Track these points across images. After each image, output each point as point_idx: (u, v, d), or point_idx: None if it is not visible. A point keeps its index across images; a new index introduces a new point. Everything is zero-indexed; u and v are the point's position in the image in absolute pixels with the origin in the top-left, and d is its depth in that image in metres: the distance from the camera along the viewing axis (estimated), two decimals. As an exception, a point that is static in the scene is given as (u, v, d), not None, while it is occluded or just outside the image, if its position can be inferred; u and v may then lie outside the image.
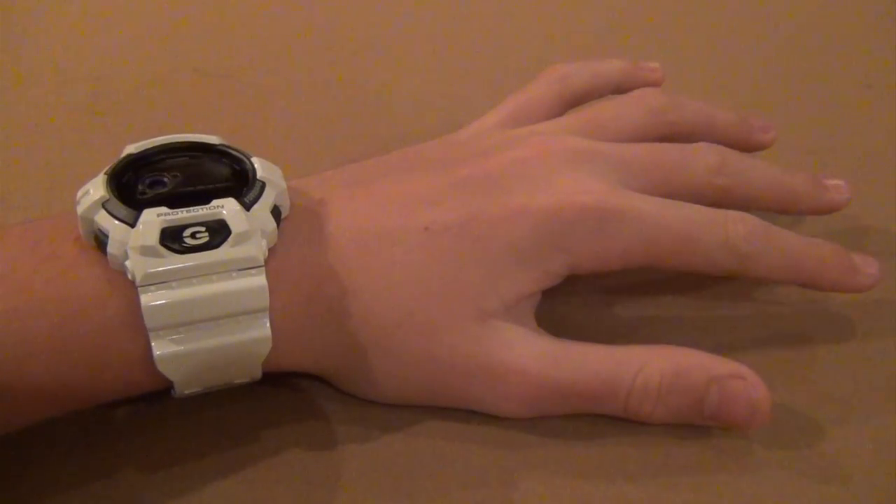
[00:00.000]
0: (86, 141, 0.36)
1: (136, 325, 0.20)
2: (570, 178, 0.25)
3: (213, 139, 0.24)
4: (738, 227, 0.25)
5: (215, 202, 0.21)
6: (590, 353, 0.24)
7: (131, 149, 0.23)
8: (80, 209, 0.21)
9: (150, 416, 0.24)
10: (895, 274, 0.30)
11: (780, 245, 0.26)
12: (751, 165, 0.28)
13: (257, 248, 0.21)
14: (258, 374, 0.22)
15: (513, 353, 0.23)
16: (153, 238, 0.20)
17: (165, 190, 0.22)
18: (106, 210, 0.21)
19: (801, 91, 0.42)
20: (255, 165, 0.23)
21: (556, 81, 0.31)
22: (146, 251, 0.20)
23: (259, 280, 0.21)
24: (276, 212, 0.22)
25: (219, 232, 0.21)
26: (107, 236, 0.20)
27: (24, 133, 0.37)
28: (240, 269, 0.21)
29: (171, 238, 0.20)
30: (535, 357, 0.23)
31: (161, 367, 0.20)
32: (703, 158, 0.27)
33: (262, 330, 0.21)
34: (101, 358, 0.21)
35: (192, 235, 0.21)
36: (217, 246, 0.21)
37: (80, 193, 0.22)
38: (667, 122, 0.29)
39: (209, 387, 0.22)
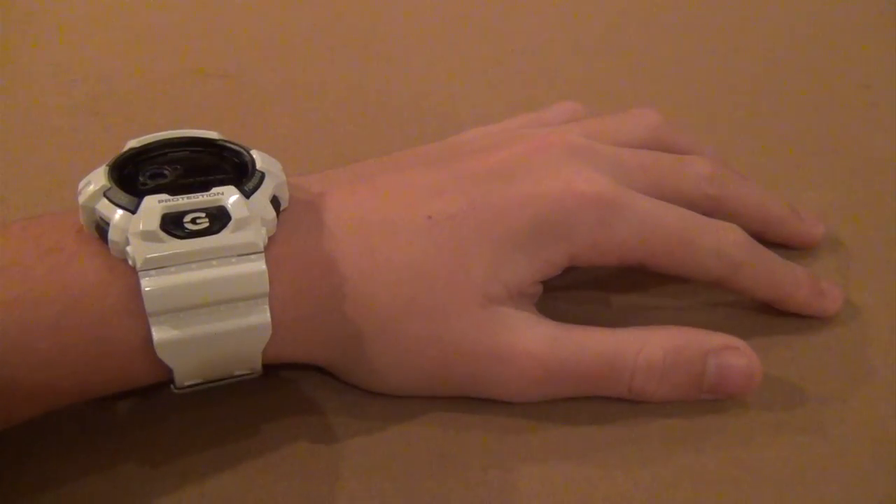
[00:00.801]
0: (86, 141, 0.36)
1: (136, 312, 0.20)
2: (573, 170, 0.25)
3: (213, 134, 0.24)
4: (730, 234, 0.26)
5: (215, 189, 0.22)
6: (592, 334, 0.24)
7: (133, 143, 0.23)
8: (81, 199, 0.21)
9: (150, 411, 0.24)
10: (895, 273, 0.30)
11: (764, 258, 0.27)
12: (741, 181, 0.29)
13: (257, 235, 0.21)
14: (258, 364, 0.22)
15: (517, 336, 0.24)
16: (154, 223, 0.20)
17: (166, 181, 0.22)
18: (107, 198, 0.21)
19: (801, 91, 0.42)
20: (255, 157, 0.23)
21: (569, 112, 0.32)
22: (147, 236, 0.20)
23: (259, 265, 0.21)
24: (275, 202, 0.22)
25: (219, 218, 0.21)
26: (108, 224, 0.21)
27: (24, 133, 0.37)
28: (239, 255, 0.21)
29: (172, 223, 0.21)
30: (539, 339, 0.24)
31: (161, 354, 0.21)
32: (696, 167, 0.28)
33: (261, 316, 0.21)
34: (102, 346, 0.21)
35: (193, 221, 0.21)
36: (217, 231, 0.21)
37: (81, 184, 0.22)
38: (661, 140, 0.29)
39: (209, 378, 0.22)
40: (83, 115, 0.38)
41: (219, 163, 0.23)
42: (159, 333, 0.20)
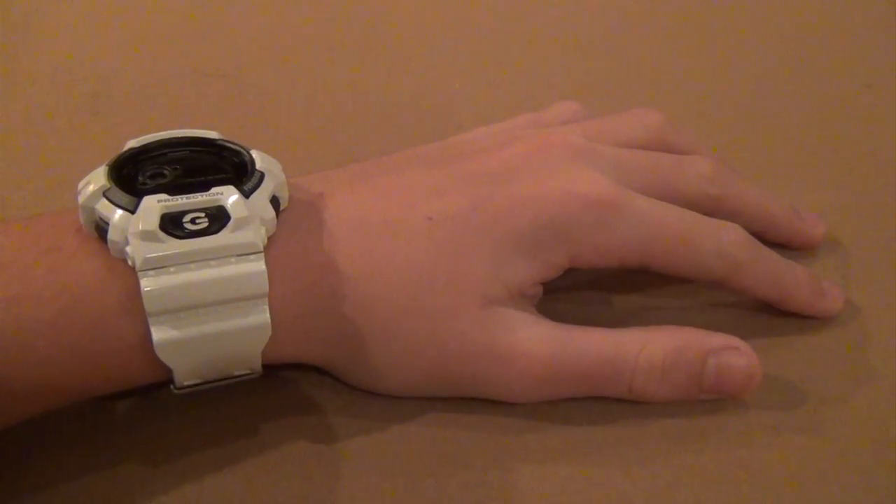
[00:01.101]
0: (86, 141, 0.36)
1: (135, 312, 0.20)
2: (573, 171, 0.25)
3: (213, 134, 0.24)
4: (731, 234, 0.26)
5: (215, 189, 0.22)
6: (593, 335, 0.24)
7: (132, 143, 0.23)
8: (80, 199, 0.21)
9: (150, 410, 0.24)
10: (895, 273, 0.30)
11: (766, 257, 0.27)
12: (742, 182, 0.29)
13: (256, 234, 0.21)
14: (258, 364, 0.22)
15: (518, 337, 0.24)
16: (153, 223, 0.20)
17: (166, 181, 0.22)
18: (107, 198, 0.21)
19: (801, 91, 0.42)
20: (254, 157, 0.23)
21: (569, 112, 0.32)
22: (146, 236, 0.20)
23: (258, 266, 0.21)
24: (274, 202, 0.22)
25: (218, 218, 0.21)
26: (107, 224, 0.21)
27: (24, 133, 0.37)
28: (239, 255, 0.21)
29: (171, 223, 0.21)
30: (540, 340, 0.24)
31: (160, 354, 0.21)
32: (696, 167, 0.28)
33: (261, 316, 0.21)
34: (101, 345, 0.21)
35: (192, 221, 0.21)
36: (216, 231, 0.21)
37: (81, 184, 0.22)
38: (662, 140, 0.29)
39: (209, 378, 0.22)
40: (83, 115, 0.38)
41: (218, 163, 0.23)
42: (159, 334, 0.20)
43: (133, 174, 0.22)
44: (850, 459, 0.24)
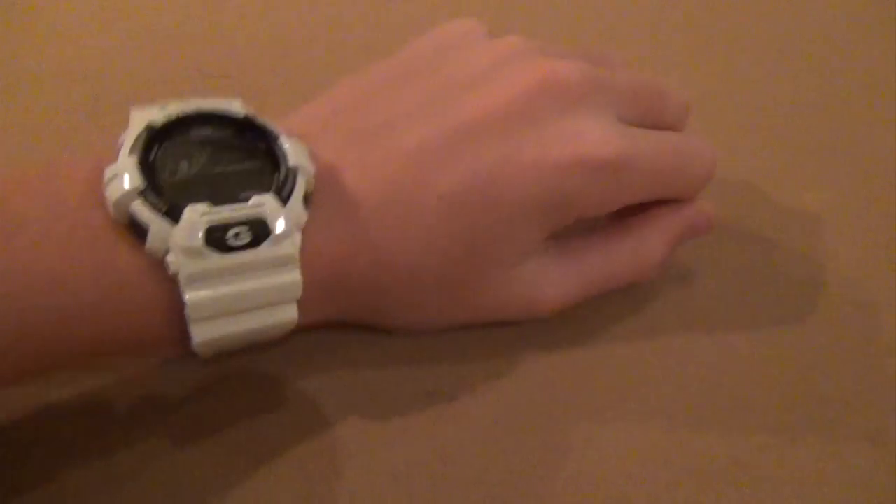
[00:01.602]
0: (86, 141, 0.36)
1: (171, 311, 0.21)
2: (579, 123, 0.25)
3: (237, 108, 0.24)
4: (711, 152, 0.28)
5: (255, 200, 0.22)
6: (599, 258, 0.27)
7: (153, 115, 0.23)
8: (111, 195, 0.21)
9: (149, 411, 0.24)
10: (895, 273, 0.30)
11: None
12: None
13: (293, 246, 0.22)
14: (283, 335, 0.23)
15: (540, 289, 0.26)
16: (198, 240, 0.20)
17: (194, 171, 0.22)
18: (142, 200, 0.20)
19: (802, 91, 0.42)
20: (286, 149, 0.23)
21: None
22: (191, 252, 0.20)
23: (294, 275, 0.22)
24: (306, 198, 0.23)
25: (258, 230, 0.21)
26: (145, 228, 0.20)
27: (24, 133, 0.37)
28: (277, 266, 0.22)
29: (214, 238, 0.21)
30: (559, 283, 0.26)
31: (197, 350, 0.21)
32: (677, 99, 0.29)
33: (290, 314, 0.22)
34: (131, 330, 0.21)
35: (235, 236, 0.21)
36: (257, 245, 0.21)
37: (108, 174, 0.21)
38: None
39: (231, 353, 0.23)
40: (83, 116, 0.38)
41: (245, 146, 0.23)
42: (199, 336, 0.21)
43: (154, 157, 0.22)
44: (850, 459, 0.24)
